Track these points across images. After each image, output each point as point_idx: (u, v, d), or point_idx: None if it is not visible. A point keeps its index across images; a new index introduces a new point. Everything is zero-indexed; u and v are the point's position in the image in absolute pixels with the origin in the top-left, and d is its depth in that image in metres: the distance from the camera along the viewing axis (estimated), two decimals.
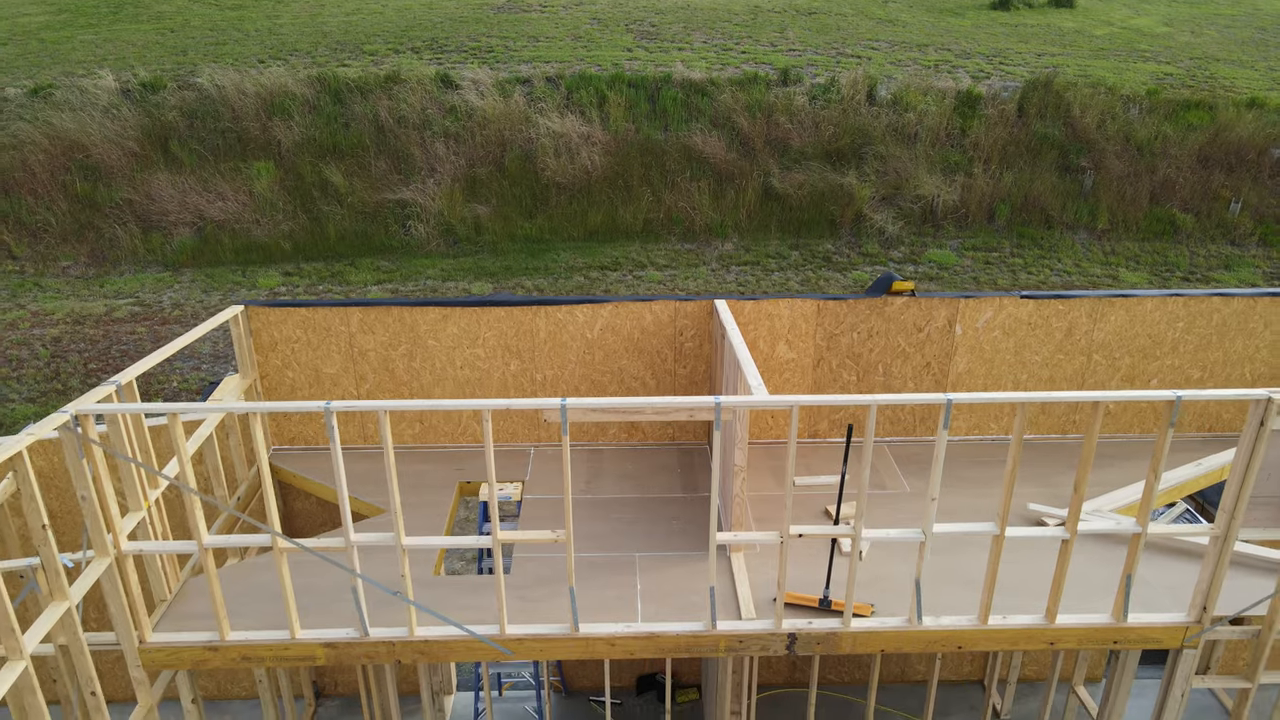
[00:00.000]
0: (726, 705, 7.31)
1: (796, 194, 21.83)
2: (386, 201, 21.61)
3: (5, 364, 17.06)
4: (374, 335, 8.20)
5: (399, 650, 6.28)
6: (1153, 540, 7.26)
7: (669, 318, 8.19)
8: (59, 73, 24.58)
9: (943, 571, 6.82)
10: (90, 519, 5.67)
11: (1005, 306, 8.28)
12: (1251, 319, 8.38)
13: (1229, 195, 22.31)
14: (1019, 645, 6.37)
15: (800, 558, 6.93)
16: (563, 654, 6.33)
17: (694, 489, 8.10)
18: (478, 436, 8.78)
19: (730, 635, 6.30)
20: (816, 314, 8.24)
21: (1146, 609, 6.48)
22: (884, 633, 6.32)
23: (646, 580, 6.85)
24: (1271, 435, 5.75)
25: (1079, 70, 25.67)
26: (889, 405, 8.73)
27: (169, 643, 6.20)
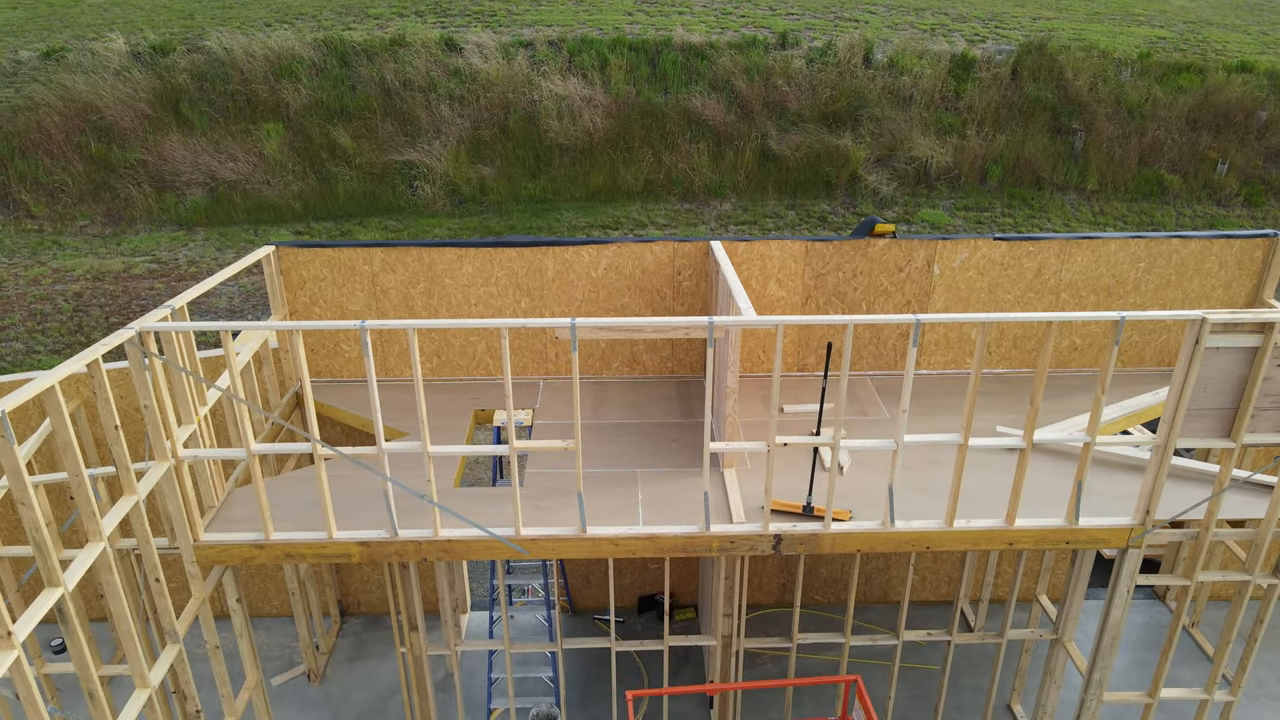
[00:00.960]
0: (719, 609, 8.06)
1: (793, 155, 22.36)
2: (393, 163, 22.15)
3: (30, 318, 17.73)
4: (395, 274, 8.86)
5: (425, 549, 7.00)
6: (1106, 457, 7.97)
7: (668, 258, 8.84)
8: (69, 36, 24.99)
9: (916, 485, 7.53)
10: (152, 426, 6.37)
11: (979, 248, 8.92)
12: (1208, 260, 9.03)
13: (1216, 157, 22.83)
14: (981, 545, 7.09)
15: (786, 472, 7.64)
16: (571, 553, 7.05)
17: (690, 415, 8.80)
18: (490, 370, 9.47)
19: (722, 536, 7.02)
20: (805, 255, 8.89)
21: (1098, 515, 7.19)
22: (860, 534, 7.03)
23: (647, 491, 7.56)
24: (1206, 352, 6.43)
25: (1073, 34, 26.06)
26: (872, 342, 9.43)
27: (220, 541, 6.93)
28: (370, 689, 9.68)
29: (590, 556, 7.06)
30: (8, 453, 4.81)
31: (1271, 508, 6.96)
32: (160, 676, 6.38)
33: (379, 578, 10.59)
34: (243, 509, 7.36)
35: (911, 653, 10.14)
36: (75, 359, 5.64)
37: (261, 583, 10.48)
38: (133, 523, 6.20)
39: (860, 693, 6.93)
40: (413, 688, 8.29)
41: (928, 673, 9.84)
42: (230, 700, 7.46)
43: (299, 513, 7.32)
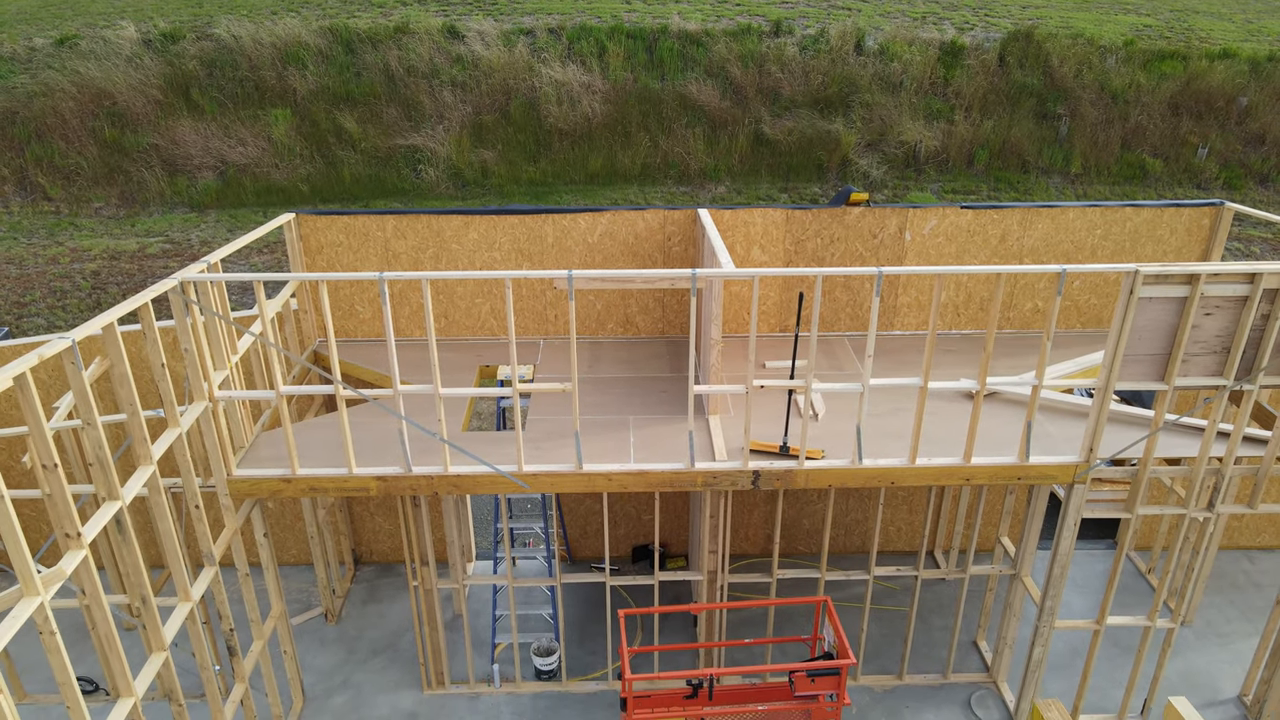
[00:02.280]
0: (705, 546, 8.79)
1: (786, 140, 23.03)
2: (398, 147, 22.82)
3: (50, 295, 18.43)
4: (405, 240, 9.57)
5: (436, 484, 7.73)
6: (1058, 405, 8.69)
7: (659, 225, 9.55)
8: (81, 24, 25.63)
9: (884, 431, 8.25)
10: (191, 369, 7.09)
11: (948, 216, 9.63)
12: (1159, 227, 9.73)
13: (1197, 141, 23.49)
14: (941, 480, 7.81)
15: (766, 422, 8.36)
16: (569, 487, 7.78)
17: (679, 370, 9.52)
18: (493, 331, 10.19)
19: (706, 472, 7.75)
20: (785, 222, 9.59)
21: (1049, 454, 7.92)
22: (831, 470, 7.76)
23: (638, 435, 8.28)
24: (1140, 303, 7.13)
25: (1061, 22, 26.68)
26: (849, 305, 10.14)
27: (250, 476, 7.65)
28: (382, 628, 10.42)
29: (585, 490, 7.78)
30: (76, 377, 5.53)
31: (1203, 446, 7.67)
32: (200, 591, 7.12)
33: (390, 528, 11.33)
34: (268, 450, 8.08)
35: (885, 596, 10.88)
36: (126, 303, 6.35)
37: (281, 533, 11.20)
38: (175, 453, 6.92)
39: (830, 612, 7.66)
40: (424, 620, 9.03)
41: (899, 614, 10.58)
42: (259, 625, 8.20)
43: (320, 453, 8.05)
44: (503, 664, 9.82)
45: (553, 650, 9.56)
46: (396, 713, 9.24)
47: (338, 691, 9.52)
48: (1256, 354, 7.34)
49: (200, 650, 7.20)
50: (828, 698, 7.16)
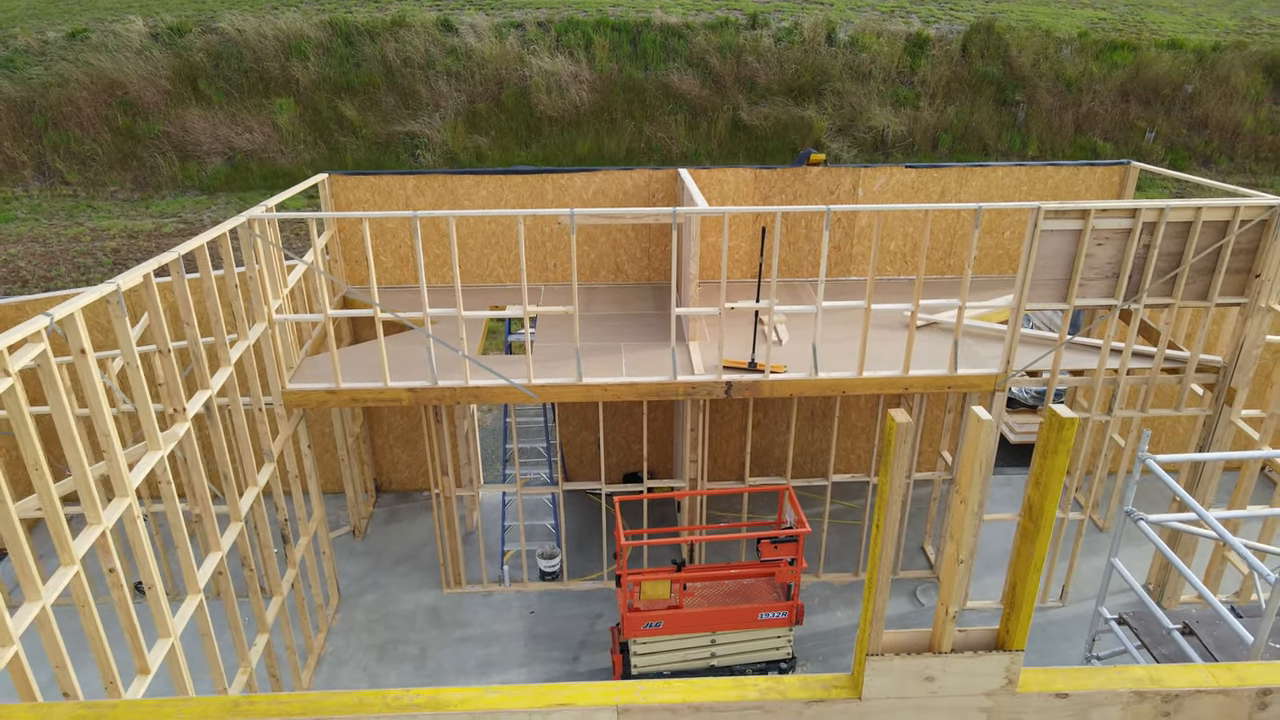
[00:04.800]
0: (687, 457, 10.25)
1: (762, 125, 24.53)
2: (397, 133, 24.16)
3: (75, 269, 19.69)
4: (424, 197, 10.97)
5: (458, 394, 9.14)
6: (984, 331, 10.20)
7: (644, 183, 10.99)
8: (90, 18, 26.81)
9: (839, 353, 9.71)
10: (255, 294, 8.48)
11: (894, 174, 11.13)
12: (1076, 183, 11.27)
13: (1145, 126, 25.16)
14: (884, 390, 9.28)
15: (734, 342, 9.81)
16: (571, 397, 9.20)
17: (663, 308, 10.97)
18: (500, 278, 11.60)
19: (686, 383, 9.20)
20: (754, 180, 11.06)
21: (975, 368, 9.41)
22: (792, 381, 9.22)
23: (629, 358, 9.72)
24: (1043, 235, 8.63)
25: (1020, 15, 28.32)
26: (810, 254, 11.62)
27: (301, 389, 9.04)
28: (404, 543, 11.82)
29: (585, 400, 9.22)
30: (180, 283, 6.91)
31: (1101, 359, 9.20)
32: (265, 479, 8.51)
33: (407, 459, 12.72)
34: (312, 371, 9.47)
35: (845, 514, 12.37)
36: (206, 234, 7.72)
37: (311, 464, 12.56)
38: (244, 363, 8.29)
39: (791, 497, 9.12)
40: (443, 525, 10.43)
41: (855, 527, 12.06)
42: (305, 523, 9.60)
43: (356, 372, 9.44)
44: (511, 568, 11.24)
45: (555, 555, 10.99)
46: (420, 607, 10.65)
47: (368, 591, 10.91)
48: (1141, 278, 8.86)
49: (265, 530, 8.59)
50: (789, 562, 8.62)
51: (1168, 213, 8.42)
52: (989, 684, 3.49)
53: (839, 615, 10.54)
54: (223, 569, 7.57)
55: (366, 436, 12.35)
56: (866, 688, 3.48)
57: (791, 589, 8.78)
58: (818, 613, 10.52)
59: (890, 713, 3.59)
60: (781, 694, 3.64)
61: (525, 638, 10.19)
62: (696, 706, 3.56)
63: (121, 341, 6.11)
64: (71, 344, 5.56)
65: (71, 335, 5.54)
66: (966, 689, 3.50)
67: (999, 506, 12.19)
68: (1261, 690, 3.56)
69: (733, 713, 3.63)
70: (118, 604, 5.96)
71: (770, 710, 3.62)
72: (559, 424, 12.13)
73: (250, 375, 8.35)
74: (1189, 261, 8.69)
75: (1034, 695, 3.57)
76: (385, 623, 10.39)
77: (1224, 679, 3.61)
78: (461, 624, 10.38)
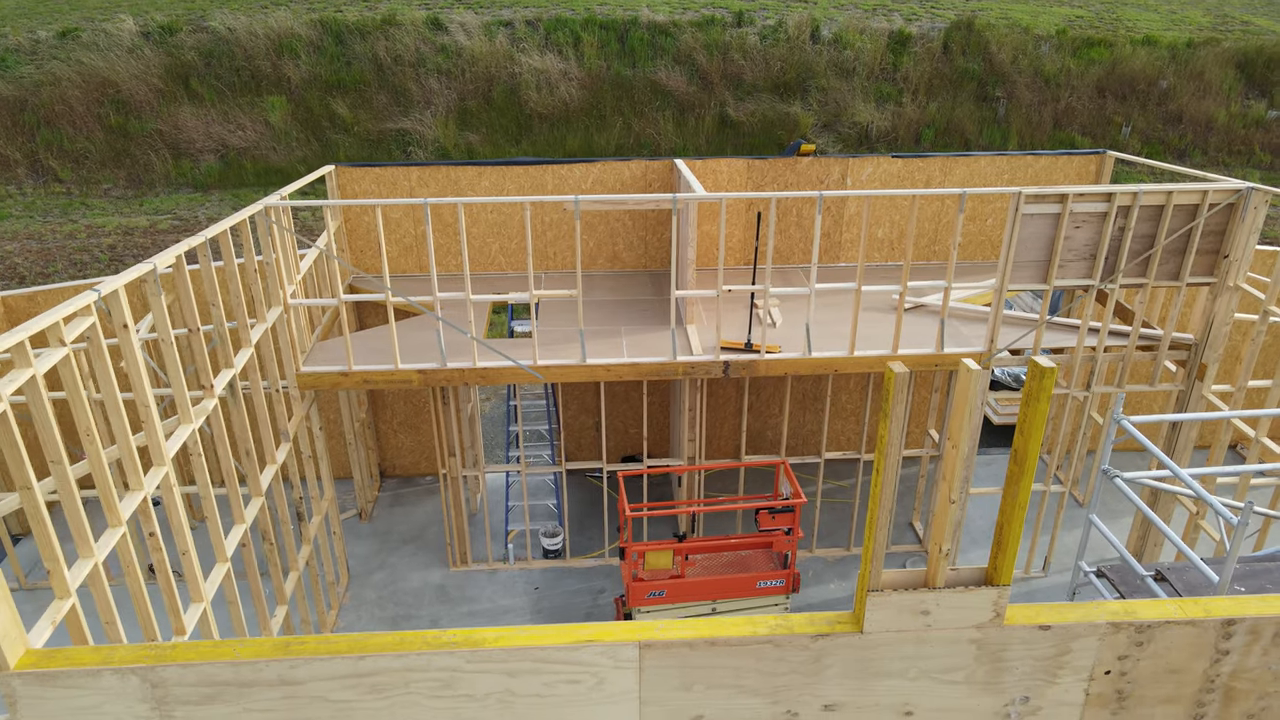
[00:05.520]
0: (685, 436, 10.65)
1: (749, 121, 24.98)
2: (388, 131, 24.44)
3: (71, 266, 19.87)
4: (428, 188, 11.32)
5: (466, 375, 9.50)
6: (969, 313, 10.66)
7: (641, 173, 11.38)
8: (79, 17, 26.93)
9: (831, 334, 10.14)
10: (271, 278, 8.81)
11: (881, 164, 11.57)
12: (1055, 172, 11.75)
13: (1121, 121, 25.79)
14: (874, 368, 9.72)
15: (730, 325, 10.22)
16: (575, 377, 9.58)
17: (660, 293, 11.37)
18: (502, 266, 11.96)
19: (685, 363, 9.60)
20: (747, 170, 11.48)
21: (960, 346, 9.86)
22: (786, 360, 9.64)
23: (629, 340, 10.11)
24: (1024, 218, 9.08)
25: (1000, 13, 28.91)
26: (801, 241, 12.05)
27: (315, 371, 9.38)
28: (409, 524, 12.17)
29: (588, 380, 9.60)
30: (158, 304, 7.25)
31: (1079, 338, 9.67)
32: (282, 458, 8.84)
33: (410, 444, 13.05)
34: (323, 355, 9.81)
35: (836, 492, 12.81)
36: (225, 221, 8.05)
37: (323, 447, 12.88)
38: (259, 347, 8.61)
39: (787, 470, 9.54)
40: (450, 504, 10.78)
41: (847, 505, 12.50)
42: (318, 500, 9.94)
43: (363, 357, 9.79)
44: (515, 547, 11.61)
45: (557, 533, 11.37)
46: (428, 585, 11.00)
47: (376, 571, 11.25)
48: (1116, 260, 9.33)
49: (282, 505, 8.92)
50: (785, 531, 9.04)
51: (1141, 196, 8.90)
52: (979, 617, 3.88)
53: (832, 587, 10.97)
54: (246, 541, 7.91)
55: (371, 423, 12.68)
56: (867, 622, 3.85)
57: (788, 558, 9.19)
58: (812, 585, 10.95)
59: (889, 645, 3.98)
60: (789, 629, 4.02)
61: (531, 612, 10.56)
62: (711, 641, 3.94)
63: (157, 319, 6.44)
64: (115, 319, 5.89)
65: (115, 311, 5.87)
66: (959, 622, 3.89)
67: (983, 485, 12.67)
68: (1226, 621, 3.98)
69: (745, 647, 4.01)
70: (156, 566, 6.30)
71: (780, 644, 4.00)
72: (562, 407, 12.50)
73: (267, 357, 8.68)
74: (1161, 243, 9.17)
75: (1019, 628, 3.96)
76: (395, 599, 10.73)
77: (1191, 611, 4.03)
78: (469, 600, 10.74)
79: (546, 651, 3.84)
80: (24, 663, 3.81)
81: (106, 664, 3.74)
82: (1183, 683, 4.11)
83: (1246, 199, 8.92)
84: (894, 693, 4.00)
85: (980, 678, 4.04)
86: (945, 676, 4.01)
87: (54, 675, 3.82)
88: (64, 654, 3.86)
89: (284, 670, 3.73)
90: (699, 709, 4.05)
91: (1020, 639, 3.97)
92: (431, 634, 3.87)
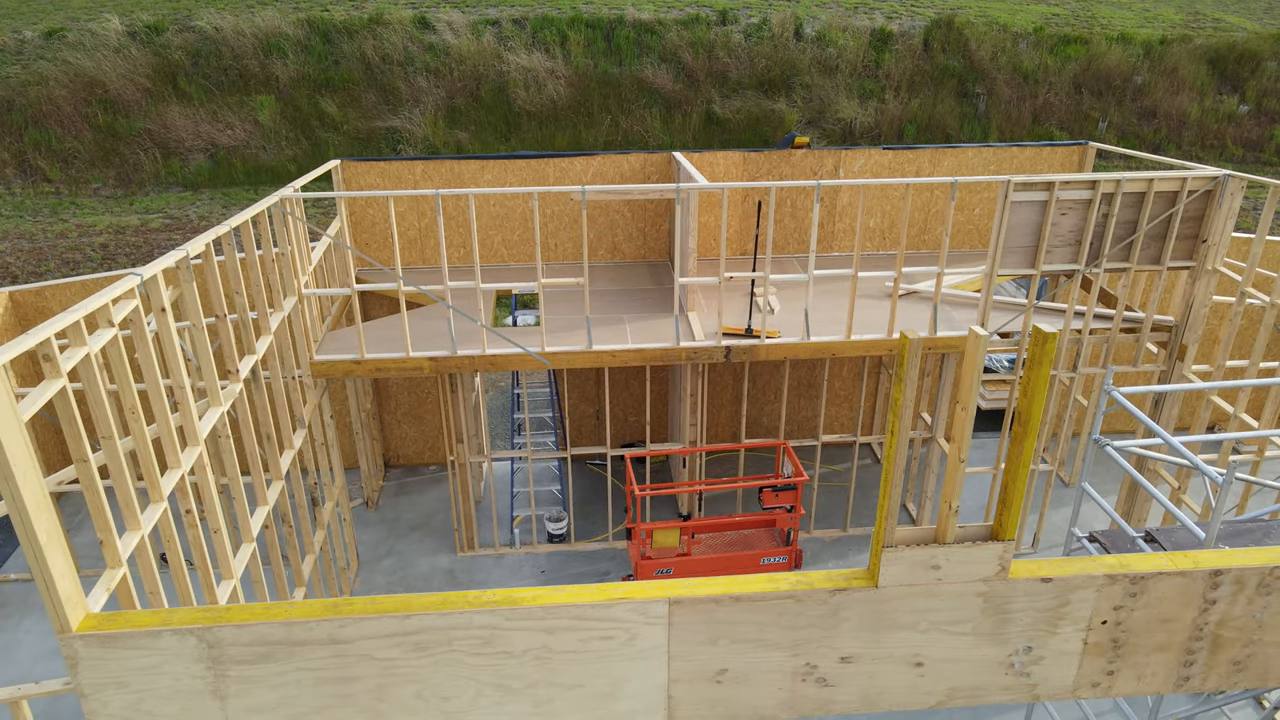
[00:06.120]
0: (686, 421, 10.96)
1: (735, 118, 25.34)
2: (378, 129, 24.60)
3: (64, 265, 19.91)
4: (432, 181, 11.56)
5: (476, 362, 9.76)
6: (961, 299, 11.04)
7: (640, 165, 11.68)
8: (64, 17, 26.88)
9: (827, 319, 10.49)
10: (286, 269, 9.03)
11: (872, 156, 11.93)
12: (1039, 163, 12.16)
13: (1098, 116, 26.37)
14: (870, 351, 10.07)
15: (730, 312, 10.55)
16: (581, 363, 9.86)
17: (659, 283, 11.67)
18: (504, 259, 12.22)
19: (689, 349, 9.91)
20: (743, 162, 11.80)
21: (953, 330, 10.23)
22: (785, 345, 9.97)
23: (633, 328, 10.41)
24: (1013, 205, 9.46)
25: (978, 11, 29.45)
26: (795, 231, 12.40)
27: (328, 359, 9.61)
28: (415, 512, 12.40)
29: (594, 365, 9.88)
30: (190, 290, 7.47)
31: (1065, 321, 10.06)
32: (299, 443, 9.06)
33: (414, 434, 13.28)
34: (333, 344, 10.04)
35: (831, 477, 13.17)
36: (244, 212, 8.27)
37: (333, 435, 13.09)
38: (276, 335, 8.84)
39: (789, 451, 9.87)
40: (458, 491, 11.03)
41: (842, 489, 12.86)
42: (330, 486, 10.16)
43: (376, 345, 10.02)
44: (521, 532, 11.87)
45: (562, 518, 11.64)
46: (436, 570, 11.25)
47: (385, 557, 11.49)
48: (1100, 245, 9.74)
49: (299, 490, 9.15)
50: (788, 509, 9.37)
51: (1124, 184, 9.30)
52: (985, 571, 4.16)
53: (830, 565, 11.32)
54: (269, 523, 8.14)
55: (376, 413, 12.90)
56: (882, 576, 4.13)
57: (791, 535, 9.53)
58: (810, 564, 11.29)
59: (902, 599, 4.28)
60: (809, 585, 4.30)
61: None
62: (736, 597, 4.22)
63: (188, 305, 6.67)
64: (153, 302, 6.12)
65: (154, 295, 6.10)
66: (966, 576, 4.18)
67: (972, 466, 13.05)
68: (1213, 571, 4.31)
69: (768, 602, 4.30)
70: (192, 543, 6.53)
71: (800, 599, 4.29)
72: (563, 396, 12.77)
73: (284, 345, 8.91)
74: (1143, 228, 9.58)
75: (1023, 580, 4.26)
76: (405, 584, 10.97)
77: (1181, 563, 4.36)
78: (477, 583, 11.00)
79: (581, 609, 4.08)
80: (85, 625, 3.99)
81: (166, 625, 3.91)
82: (1174, 631, 4.42)
83: (1223, 186, 9.35)
84: (905, 644, 4.23)
85: (986, 629, 4.29)
86: (954, 628, 4.26)
87: (115, 637, 4.00)
88: (123, 617, 4.04)
89: (334, 629, 3.92)
90: (724, 662, 4.30)
91: (1023, 591, 4.24)
92: (473, 594, 4.11)
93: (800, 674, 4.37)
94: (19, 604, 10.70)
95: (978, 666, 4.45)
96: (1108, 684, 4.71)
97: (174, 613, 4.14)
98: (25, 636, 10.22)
